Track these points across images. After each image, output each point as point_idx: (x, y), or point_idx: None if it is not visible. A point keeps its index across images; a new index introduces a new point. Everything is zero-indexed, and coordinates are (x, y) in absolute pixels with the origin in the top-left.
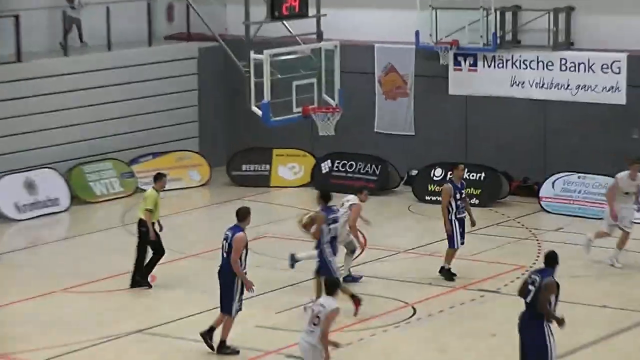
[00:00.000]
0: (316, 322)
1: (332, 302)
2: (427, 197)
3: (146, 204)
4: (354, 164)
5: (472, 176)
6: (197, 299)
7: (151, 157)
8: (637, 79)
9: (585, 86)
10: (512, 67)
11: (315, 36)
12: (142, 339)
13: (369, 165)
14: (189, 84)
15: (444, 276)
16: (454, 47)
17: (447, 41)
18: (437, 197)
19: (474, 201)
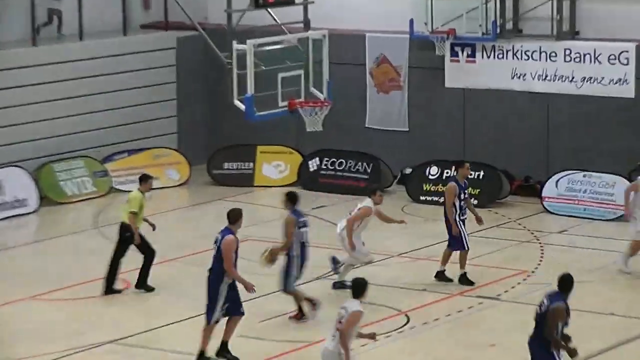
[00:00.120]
0: (339, 327)
1: (354, 305)
2: (422, 197)
3: (130, 207)
4: (344, 162)
5: (470, 175)
6: (175, 307)
7: (126, 154)
8: None
9: (591, 78)
10: (513, 58)
11: (302, 25)
12: (115, 350)
13: (360, 163)
14: (166, 76)
15: (461, 282)
16: (450, 36)
17: (443, 30)
18: (432, 197)
19: (472, 202)
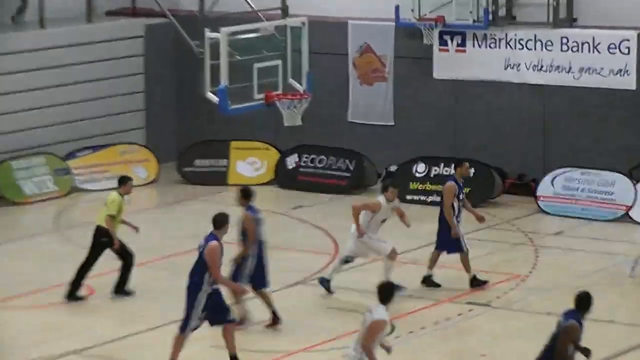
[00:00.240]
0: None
1: (379, 312)
2: (409, 197)
3: (109, 210)
4: (325, 159)
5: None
6: (142, 315)
7: (90, 151)
8: None
9: (589, 69)
10: (506, 48)
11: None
12: None
13: (342, 160)
14: (134, 67)
15: (474, 286)
16: (439, 24)
17: (431, 17)
18: (419, 197)
19: None
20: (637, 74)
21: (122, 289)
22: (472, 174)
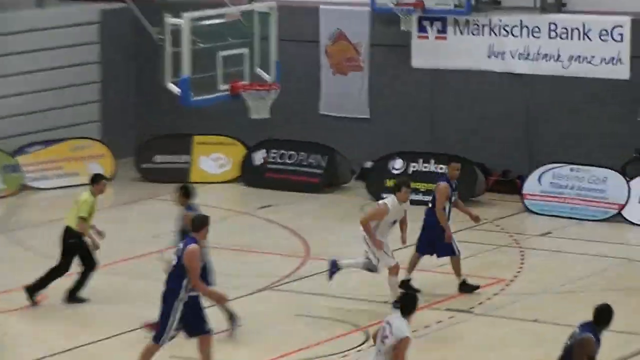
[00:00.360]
0: (380, 347)
1: (402, 328)
2: (385, 195)
3: (80, 211)
4: (294, 155)
5: (440, 168)
6: (95, 325)
7: (41, 146)
8: None
9: (579, 57)
10: (490, 34)
11: None
12: None
13: (313, 155)
14: (88, 56)
15: (463, 291)
16: (418, 9)
17: (409, 2)
18: None
19: None
20: (631, 63)
21: (75, 295)
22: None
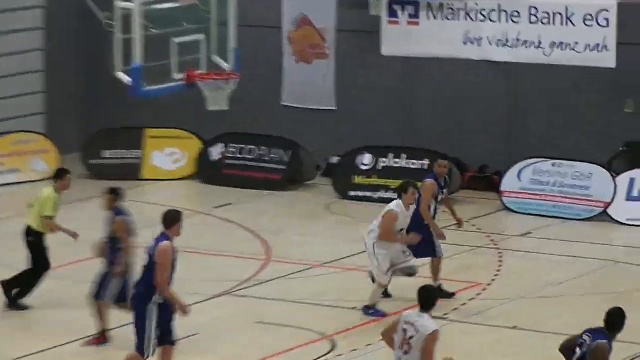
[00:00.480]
0: (407, 349)
1: (428, 323)
2: (352, 193)
3: (43, 210)
4: (255, 149)
5: (413, 164)
6: (40, 333)
7: None
8: (631, 34)
9: (562, 44)
10: (466, 19)
11: None
12: None
13: (275, 150)
14: (31, 43)
15: (440, 297)
16: None
17: None
18: (365, 193)
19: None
20: (618, 50)
21: (17, 302)
22: (427, 167)
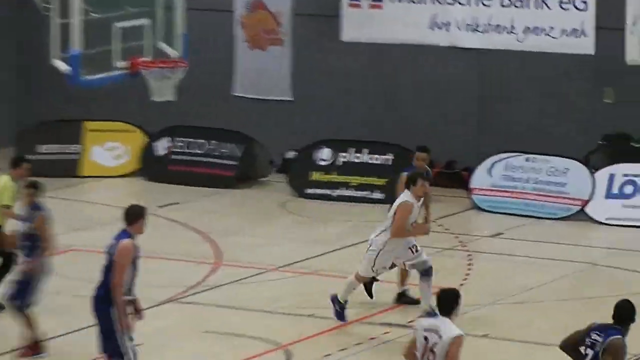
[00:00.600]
0: (432, 358)
1: (451, 327)
2: (310, 191)
3: (0, 199)
4: (205, 143)
5: (376, 159)
6: None
7: None
8: (611, 18)
9: (537, 29)
10: (433, 3)
11: None
12: None
13: (226, 144)
14: None
15: (404, 302)
16: None
17: None
18: (323, 190)
19: (378, 196)
20: (596, 35)
21: None
22: (390, 162)
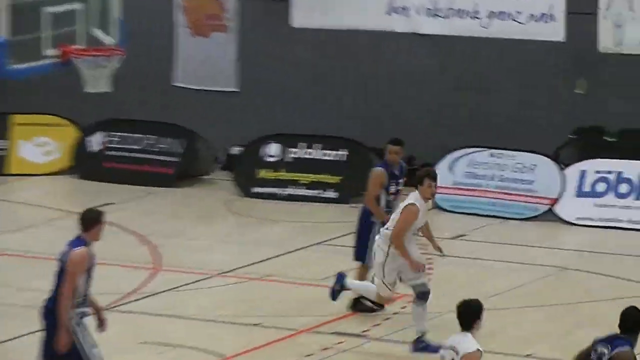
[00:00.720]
0: None
1: (468, 342)
2: (256, 189)
3: None
4: (142, 138)
5: (329, 155)
6: None
7: None
8: (582, 1)
9: (502, 14)
10: None
11: None
12: None
13: (166, 139)
14: None
15: (360, 310)
16: None
17: None
18: (271, 189)
19: (331, 195)
20: (567, 21)
21: None
22: (345, 158)
